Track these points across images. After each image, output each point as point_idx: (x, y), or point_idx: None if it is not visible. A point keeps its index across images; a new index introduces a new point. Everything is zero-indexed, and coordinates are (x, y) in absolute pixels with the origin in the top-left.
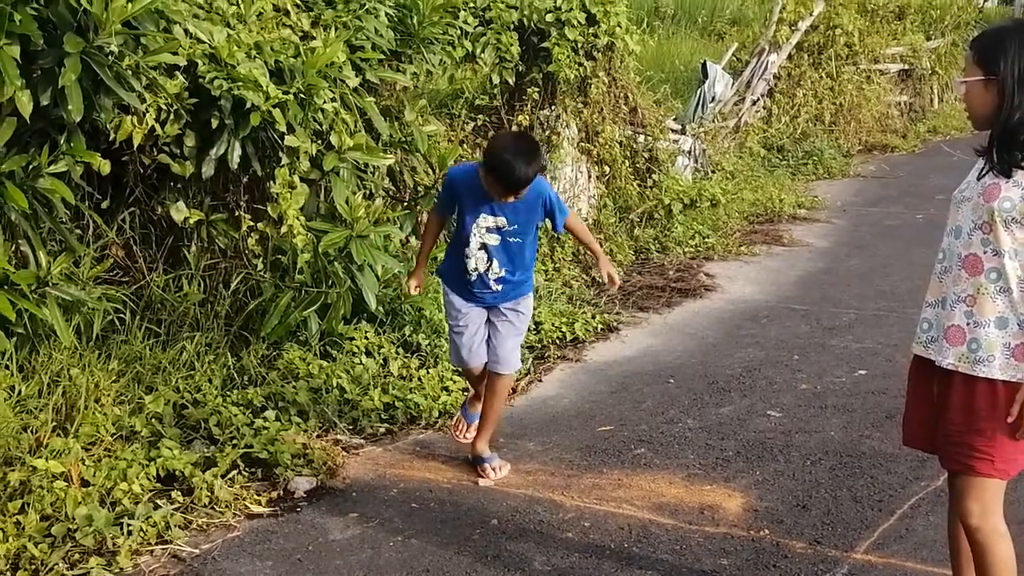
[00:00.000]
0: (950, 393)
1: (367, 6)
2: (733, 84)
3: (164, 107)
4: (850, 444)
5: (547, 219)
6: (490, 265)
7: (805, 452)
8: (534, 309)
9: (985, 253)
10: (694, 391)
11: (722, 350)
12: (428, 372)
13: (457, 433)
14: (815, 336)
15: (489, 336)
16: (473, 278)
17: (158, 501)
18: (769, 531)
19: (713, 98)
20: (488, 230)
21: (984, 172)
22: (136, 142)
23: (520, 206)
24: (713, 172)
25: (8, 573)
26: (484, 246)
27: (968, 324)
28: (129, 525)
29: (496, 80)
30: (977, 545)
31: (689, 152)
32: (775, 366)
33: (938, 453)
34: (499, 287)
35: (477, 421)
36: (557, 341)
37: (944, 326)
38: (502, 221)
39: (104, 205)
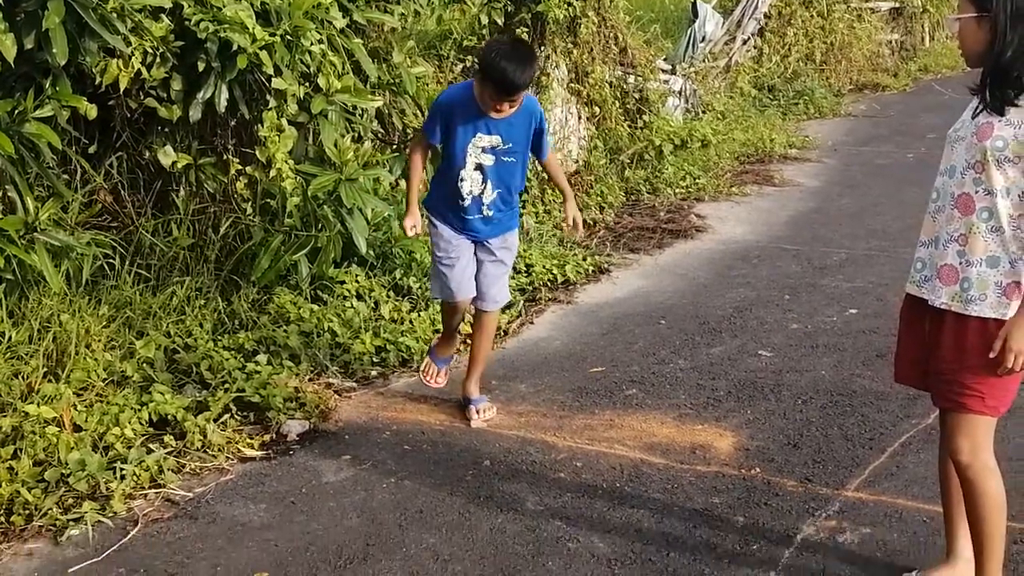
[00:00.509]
0: (942, 332)
1: None
2: (723, 23)
3: (150, 50)
4: (841, 383)
5: (532, 147)
6: (484, 187)
7: (796, 391)
8: (524, 251)
9: (977, 192)
10: (685, 332)
11: (713, 291)
12: (419, 315)
13: (427, 378)
14: (806, 276)
15: (477, 273)
16: (467, 203)
17: (151, 445)
18: (760, 469)
19: (703, 38)
20: (483, 150)
21: (978, 111)
22: (122, 86)
23: (514, 122)
24: (704, 112)
25: (2, 518)
26: (480, 166)
27: (960, 263)
28: (122, 469)
29: (485, 20)
30: (967, 482)
31: (680, 92)
32: (766, 306)
33: (929, 391)
34: (491, 212)
35: (447, 367)
36: (548, 283)
37: (937, 265)
38: (497, 140)
39: (91, 150)
